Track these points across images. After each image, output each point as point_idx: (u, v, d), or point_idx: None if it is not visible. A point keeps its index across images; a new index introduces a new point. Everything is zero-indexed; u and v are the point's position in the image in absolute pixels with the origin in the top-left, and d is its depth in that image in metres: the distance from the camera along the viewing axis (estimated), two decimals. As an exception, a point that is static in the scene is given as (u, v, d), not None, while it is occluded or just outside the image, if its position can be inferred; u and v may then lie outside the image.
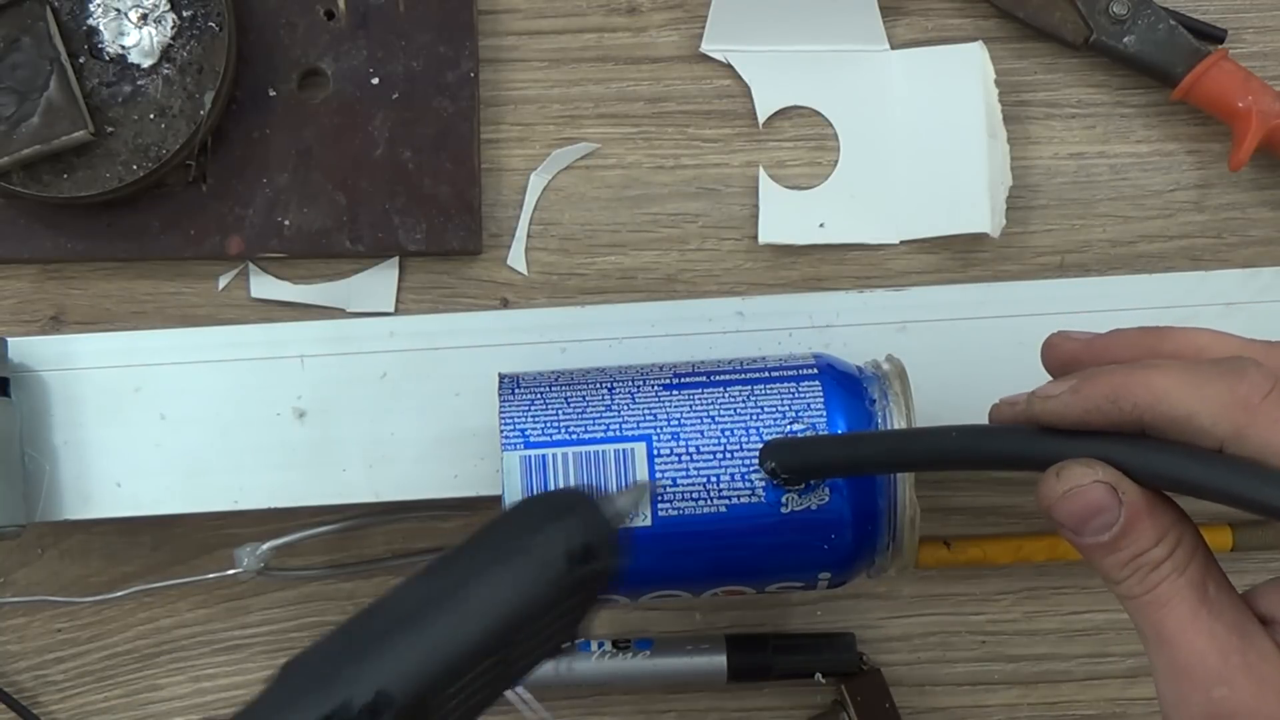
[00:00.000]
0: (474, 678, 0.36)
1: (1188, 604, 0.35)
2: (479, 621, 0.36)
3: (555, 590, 0.37)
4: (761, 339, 0.55)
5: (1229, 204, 0.60)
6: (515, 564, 0.37)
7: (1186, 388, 0.34)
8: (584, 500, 0.39)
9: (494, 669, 0.36)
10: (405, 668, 0.34)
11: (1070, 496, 0.36)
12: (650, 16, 0.60)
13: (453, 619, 0.35)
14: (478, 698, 0.37)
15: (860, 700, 0.56)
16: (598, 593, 0.39)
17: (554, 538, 0.37)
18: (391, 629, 0.35)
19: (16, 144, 0.54)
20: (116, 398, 0.54)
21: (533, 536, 0.37)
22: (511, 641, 0.36)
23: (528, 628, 0.37)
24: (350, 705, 0.33)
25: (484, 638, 0.35)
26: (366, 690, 0.33)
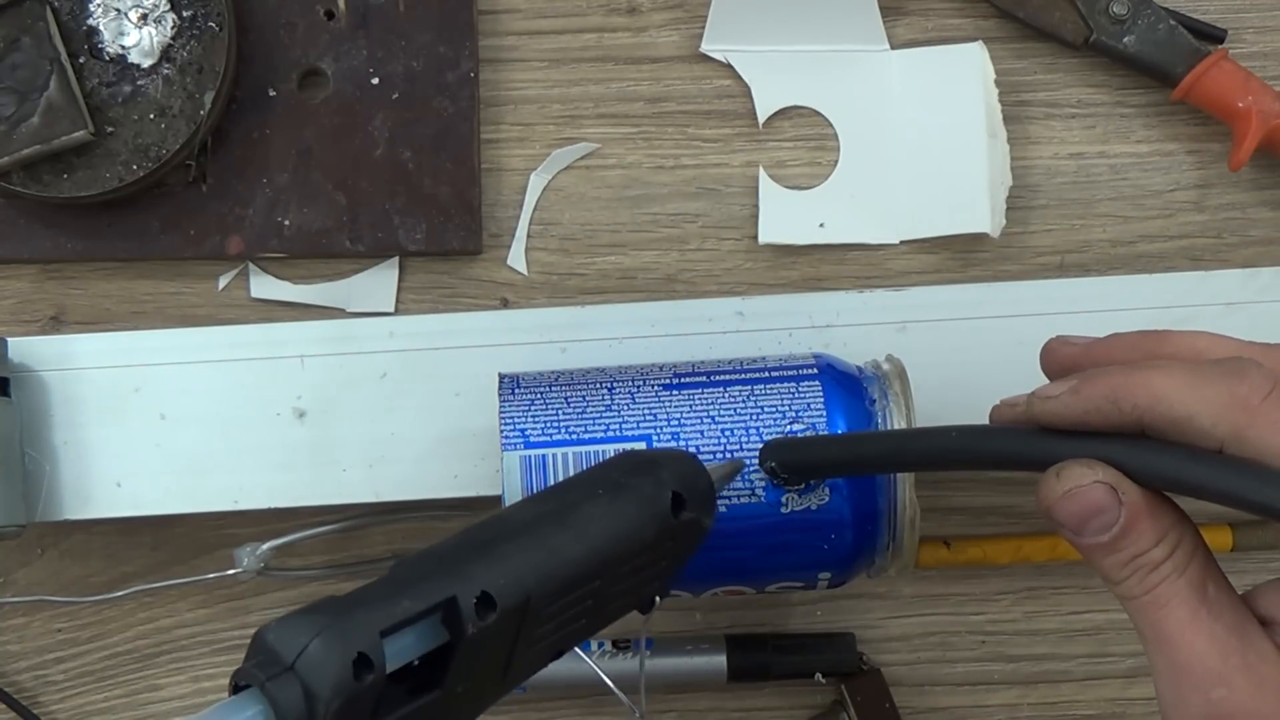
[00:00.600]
0: (572, 601, 0.37)
1: (1187, 605, 0.35)
2: (585, 543, 0.37)
3: (656, 529, 0.39)
4: (761, 339, 0.55)
5: (1229, 204, 0.60)
6: (623, 498, 0.39)
7: (1186, 389, 0.34)
8: (688, 458, 0.41)
9: (590, 598, 0.37)
10: (511, 574, 0.35)
11: (1070, 497, 0.36)
12: (650, 16, 0.60)
13: (561, 536, 0.37)
14: (570, 628, 0.37)
15: (860, 700, 0.56)
16: (691, 546, 0.41)
17: (661, 480, 0.39)
18: (501, 538, 0.36)
19: (16, 144, 0.54)
20: (116, 398, 0.54)
21: (641, 477, 0.39)
22: (611, 572, 0.37)
23: (627, 561, 0.38)
24: (456, 601, 0.33)
25: (588, 559, 0.37)
26: (473, 589, 0.34)
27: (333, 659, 0.31)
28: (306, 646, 0.31)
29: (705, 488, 0.41)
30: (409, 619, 0.33)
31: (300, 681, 0.31)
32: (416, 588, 0.34)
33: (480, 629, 0.34)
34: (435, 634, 0.34)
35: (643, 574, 0.39)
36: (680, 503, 0.39)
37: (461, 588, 0.34)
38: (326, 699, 0.30)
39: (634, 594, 0.40)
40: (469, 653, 0.34)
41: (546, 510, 0.38)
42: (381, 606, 0.33)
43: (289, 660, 0.31)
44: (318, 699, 0.31)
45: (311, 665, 0.31)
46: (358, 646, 0.31)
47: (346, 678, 0.31)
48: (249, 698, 0.31)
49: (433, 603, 0.33)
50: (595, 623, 0.39)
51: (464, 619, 0.33)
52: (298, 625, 0.31)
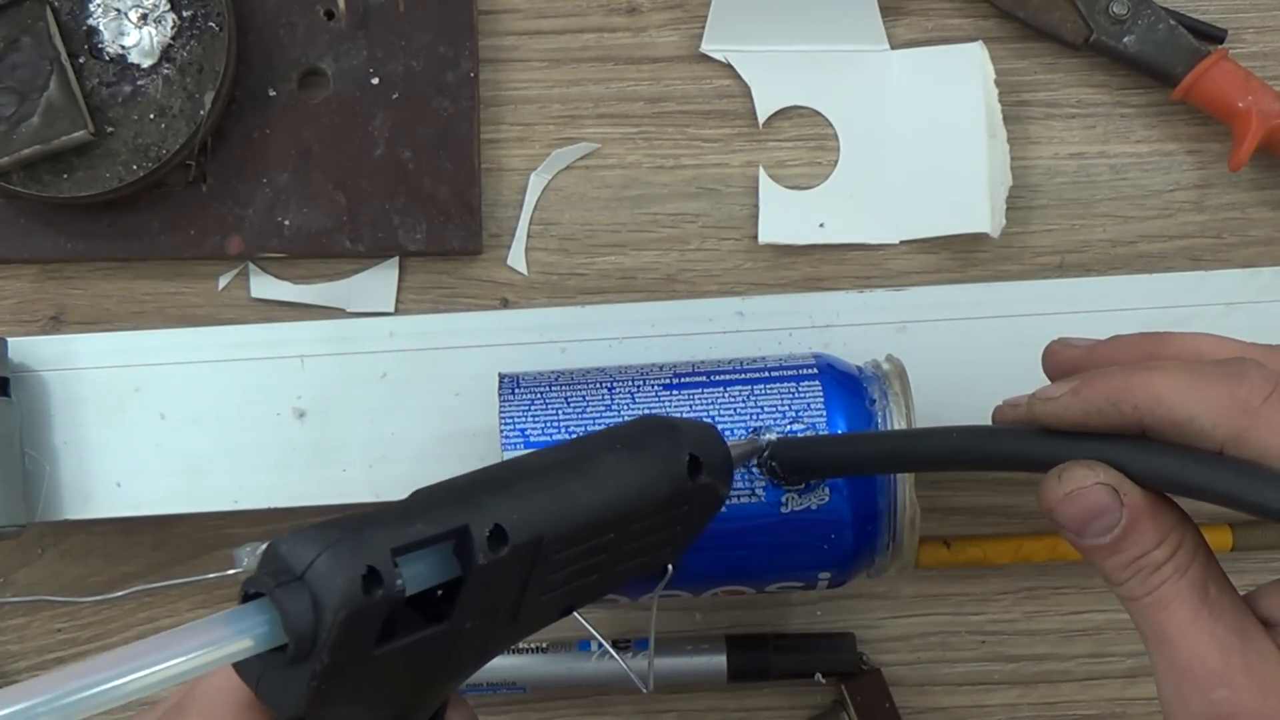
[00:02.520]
0: (583, 551, 0.37)
1: (1189, 605, 0.35)
2: (600, 492, 0.37)
3: (672, 488, 0.39)
4: (761, 339, 0.55)
5: (1229, 204, 0.60)
6: (641, 454, 0.39)
7: (1187, 390, 0.34)
8: (708, 426, 0.41)
9: (602, 552, 0.37)
10: (525, 511, 0.35)
11: (1072, 498, 0.36)
12: (650, 16, 0.60)
13: (577, 482, 0.37)
14: (580, 582, 0.37)
15: (860, 700, 0.56)
16: (705, 514, 0.41)
17: (679, 442, 0.39)
18: (519, 478, 0.36)
19: (16, 144, 0.54)
20: (116, 398, 0.54)
21: (660, 437, 0.40)
22: (624, 526, 0.38)
23: (641, 518, 0.38)
24: (468, 530, 0.34)
25: (602, 508, 0.37)
26: (487, 521, 0.34)
27: (342, 570, 0.31)
28: (317, 558, 0.31)
29: (723, 457, 0.41)
30: (421, 541, 0.33)
31: (309, 591, 0.31)
32: (431, 514, 0.34)
33: (491, 561, 0.34)
34: (446, 565, 0.34)
35: (656, 535, 0.39)
36: (697, 466, 0.39)
37: (475, 518, 0.34)
38: (334, 608, 0.31)
39: (646, 557, 0.40)
40: (478, 586, 0.34)
41: (564, 457, 0.38)
42: (395, 526, 0.33)
43: (299, 570, 0.31)
44: (325, 608, 0.31)
45: (321, 576, 0.31)
46: (368, 560, 0.31)
47: (355, 590, 0.31)
48: (258, 606, 0.31)
49: (446, 529, 0.34)
50: (606, 581, 0.39)
51: (475, 549, 0.33)
52: (310, 538, 0.32)
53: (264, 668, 0.32)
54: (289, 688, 0.32)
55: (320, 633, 0.31)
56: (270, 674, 0.32)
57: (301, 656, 0.31)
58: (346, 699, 0.33)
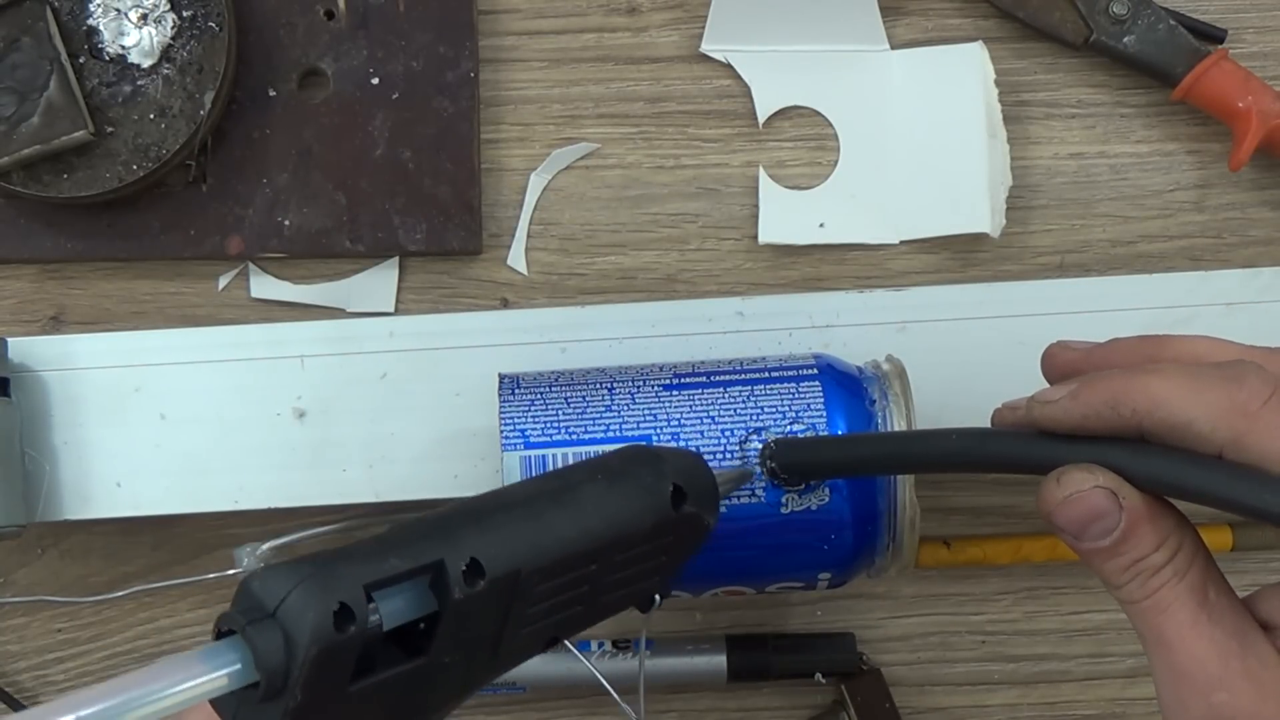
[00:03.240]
0: (565, 583, 0.37)
1: (1188, 609, 0.35)
2: (580, 523, 0.37)
3: (655, 519, 0.38)
4: (761, 339, 0.55)
5: (1229, 204, 0.60)
6: (623, 484, 0.39)
7: (1185, 393, 0.34)
8: (692, 455, 0.41)
9: (585, 584, 0.37)
10: (502, 544, 0.35)
11: (1070, 502, 0.36)
12: (650, 16, 0.60)
13: (556, 513, 0.37)
14: (563, 614, 0.37)
15: (860, 700, 0.56)
16: (691, 544, 0.41)
17: (663, 472, 0.39)
18: (496, 510, 0.36)
19: (16, 144, 0.54)
20: (116, 398, 0.54)
21: (643, 467, 0.39)
22: (607, 558, 0.37)
23: (624, 549, 0.38)
24: (444, 565, 0.33)
25: (582, 539, 0.37)
26: (462, 555, 0.34)
27: (313, 607, 0.31)
28: (289, 594, 0.31)
29: (708, 486, 0.41)
30: (395, 577, 0.33)
31: (281, 628, 0.31)
32: (405, 548, 0.34)
33: (468, 595, 0.34)
34: (422, 600, 0.34)
35: (641, 566, 0.39)
36: (681, 496, 0.39)
37: (450, 553, 0.34)
38: (305, 645, 0.30)
39: (632, 588, 0.40)
40: (456, 621, 0.34)
41: (544, 489, 0.38)
42: (368, 562, 0.33)
43: (271, 607, 0.31)
44: (297, 645, 0.31)
45: (292, 613, 0.31)
46: (340, 597, 0.31)
47: (327, 626, 0.31)
48: (230, 643, 0.31)
49: (420, 563, 0.33)
50: (591, 613, 0.39)
51: (451, 584, 0.33)
52: (282, 574, 0.32)
53: (239, 704, 0.32)
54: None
55: (292, 670, 0.31)
56: (245, 710, 0.32)
57: (274, 693, 0.31)
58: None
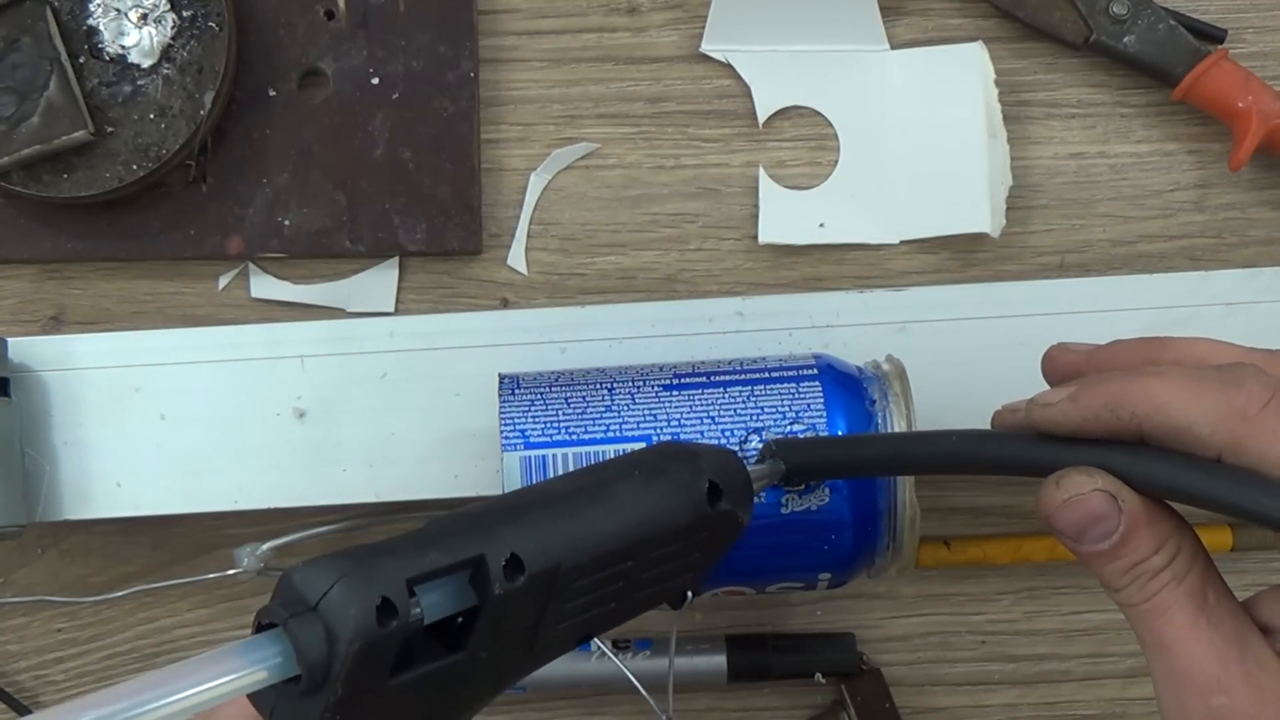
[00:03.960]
0: (602, 579, 0.36)
1: (1186, 612, 0.35)
2: (618, 519, 0.37)
3: (691, 515, 0.38)
4: (761, 339, 0.55)
5: (1229, 204, 0.60)
6: (660, 481, 0.38)
7: (1184, 397, 0.34)
8: (728, 452, 0.41)
9: (620, 580, 0.37)
10: (542, 540, 0.35)
11: (1070, 505, 0.36)
12: (650, 16, 0.60)
13: (594, 510, 0.37)
14: (598, 611, 0.37)
15: (860, 700, 0.56)
16: (725, 541, 0.40)
17: (699, 469, 0.39)
18: (534, 506, 0.36)
19: (16, 144, 0.54)
20: (116, 398, 0.54)
21: (679, 464, 0.39)
22: (643, 554, 0.37)
23: (660, 545, 0.38)
24: (484, 560, 0.33)
25: (620, 536, 0.37)
26: (503, 550, 0.34)
27: (356, 601, 0.31)
28: (331, 588, 0.31)
29: (743, 483, 0.41)
30: (436, 571, 0.33)
31: (323, 622, 0.31)
32: (446, 543, 0.34)
33: (507, 591, 0.34)
34: (462, 595, 0.34)
35: (675, 563, 0.39)
36: (717, 493, 0.39)
37: (491, 548, 0.34)
38: (348, 640, 0.30)
39: (665, 584, 0.40)
40: (494, 616, 0.34)
41: (581, 485, 0.38)
42: (410, 556, 0.33)
43: (313, 601, 0.31)
44: (339, 640, 0.30)
45: (335, 607, 0.31)
46: (382, 591, 0.31)
47: (369, 621, 0.31)
48: (271, 637, 0.31)
49: (461, 559, 0.33)
50: (625, 609, 0.39)
51: (491, 579, 0.33)
52: (324, 568, 0.31)
53: (278, 698, 0.32)
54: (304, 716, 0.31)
55: (334, 664, 0.31)
56: (284, 704, 0.32)
57: (315, 688, 0.31)
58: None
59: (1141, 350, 0.39)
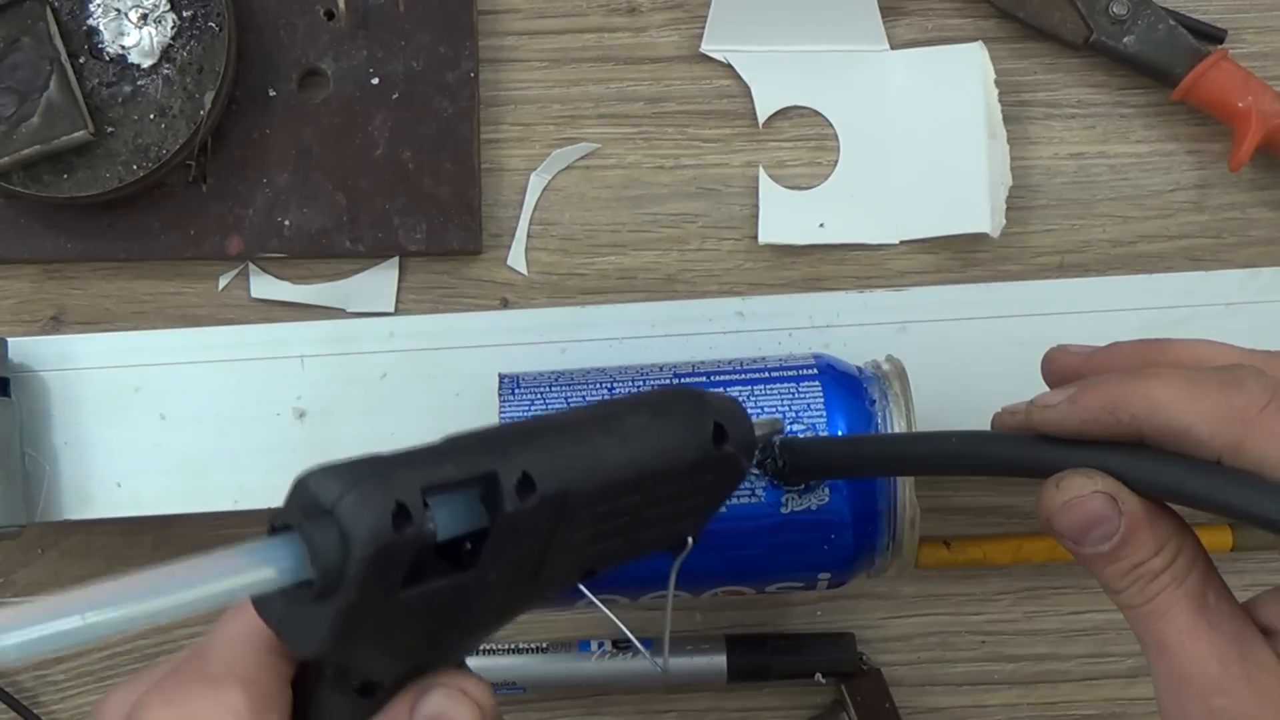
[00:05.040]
0: (608, 511, 0.36)
1: (1187, 614, 0.35)
2: (627, 450, 0.37)
3: (697, 454, 0.38)
4: (761, 339, 0.55)
5: (1229, 204, 0.60)
6: (669, 417, 0.38)
7: (1184, 399, 0.34)
8: (732, 400, 0.41)
9: (626, 514, 0.37)
10: (554, 463, 0.35)
11: (1070, 507, 0.36)
12: (650, 16, 0.60)
13: (605, 439, 0.36)
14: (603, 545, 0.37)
15: (860, 700, 0.56)
16: (726, 488, 0.40)
17: (705, 410, 0.39)
18: (548, 431, 0.36)
19: (16, 144, 0.54)
20: (116, 398, 0.54)
21: (687, 404, 0.39)
22: (649, 489, 0.37)
23: (666, 482, 0.38)
24: (497, 476, 0.33)
25: (628, 467, 0.36)
26: (515, 469, 0.33)
27: (372, 506, 0.30)
28: (347, 492, 0.31)
29: (747, 430, 0.40)
30: (451, 483, 0.33)
31: (338, 525, 0.30)
32: (460, 458, 0.33)
33: (518, 510, 0.33)
34: (474, 513, 0.33)
35: (678, 503, 0.39)
36: (722, 435, 0.39)
37: (504, 466, 0.33)
38: (363, 543, 0.30)
39: (667, 526, 0.39)
40: (504, 535, 0.34)
41: (592, 416, 0.38)
42: (425, 466, 0.32)
43: (328, 504, 0.31)
44: (354, 543, 0.30)
45: (350, 510, 0.30)
46: (398, 496, 0.31)
47: (385, 526, 0.30)
48: (285, 539, 0.30)
49: (476, 473, 0.33)
50: (628, 546, 0.38)
51: (503, 496, 0.33)
52: (340, 472, 0.31)
53: (286, 606, 0.32)
54: (311, 626, 0.31)
55: (348, 568, 0.30)
56: (293, 612, 0.32)
57: (327, 592, 0.30)
58: (368, 642, 0.33)
59: (1140, 352, 0.39)
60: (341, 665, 0.34)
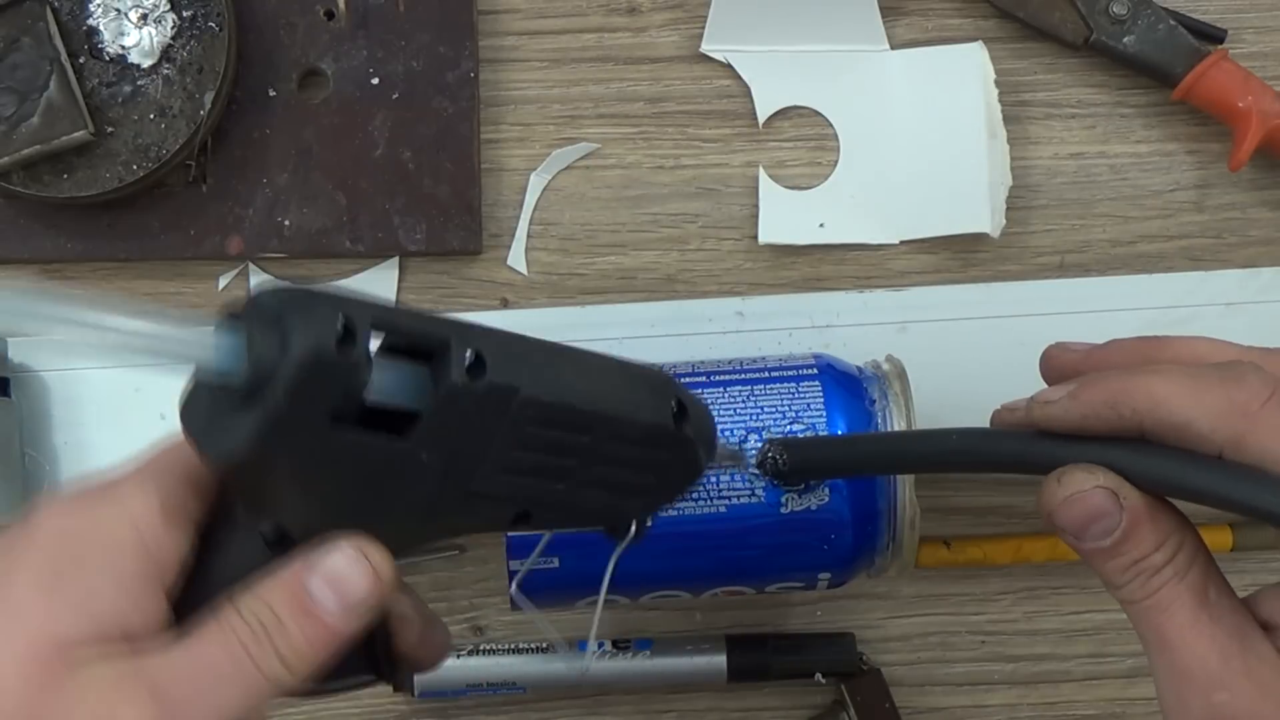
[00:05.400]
0: (555, 441, 0.36)
1: (1188, 609, 0.35)
2: (588, 383, 0.36)
3: (653, 422, 0.38)
4: (761, 339, 0.55)
5: (1229, 204, 0.60)
6: (636, 380, 0.38)
7: (1185, 394, 0.35)
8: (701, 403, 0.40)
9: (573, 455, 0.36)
10: (511, 359, 0.34)
11: (1071, 502, 0.36)
12: (650, 16, 0.60)
13: (568, 364, 0.36)
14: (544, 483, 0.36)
15: (860, 700, 0.56)
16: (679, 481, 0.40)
17: (672, 389, 0.39)
18: (516, 338, 0.36)
19: (16, 144, 0.54)
20: (116, 398, 0.54)
21: (656, 378, 0.39)
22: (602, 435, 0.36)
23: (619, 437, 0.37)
24: (449, 345, 0.33)
25: (585, 397, 0.36)
26: (470, 347, 0.33)
27: (318, 319, 0.31)
28: (297, 304, 0.31)
29: (708, 428, 0.40)
30: (404, 330, 0.33)
31: (281, 330, 0.30)
32: (419, 318, 0.33)
33: (465, 387, 0.33)
34: (419, 386, 0.33)
35: (629, 472, 0.38)
36: (684, 415, 0.38)
37: (460, 340, 0.33)
38: (301, 348, 0.30)
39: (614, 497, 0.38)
40: (446, 411, 0.33)
41: (563, 348, 0.37)
42: (382, 308, 0.33)
43: (276, 313, 0.31)
44: (292, 346, 0.30)
45: (295, 319, 0.31)
46: (346, 319, 0.31)
47: (327, 341, 0.30)
48: (229, 329, 0.31)
49: (432, 332, 0.33)
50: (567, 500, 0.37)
51: (452, 368, 0.33)
52: (294, 289, 0.32)
53: (211, 417, 0.32)
54: (233, 432, 0.31)
55: (281, 370, 0.30)
56: (217, 421, 0.31)
57: (255, 392, 0.30)
58: (287, 471, 0.32)
59: (1139, 349, 0.39)
60: (253, 499, 0.34)
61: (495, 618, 0.58)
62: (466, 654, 0.56)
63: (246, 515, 0.34)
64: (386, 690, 0.56)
